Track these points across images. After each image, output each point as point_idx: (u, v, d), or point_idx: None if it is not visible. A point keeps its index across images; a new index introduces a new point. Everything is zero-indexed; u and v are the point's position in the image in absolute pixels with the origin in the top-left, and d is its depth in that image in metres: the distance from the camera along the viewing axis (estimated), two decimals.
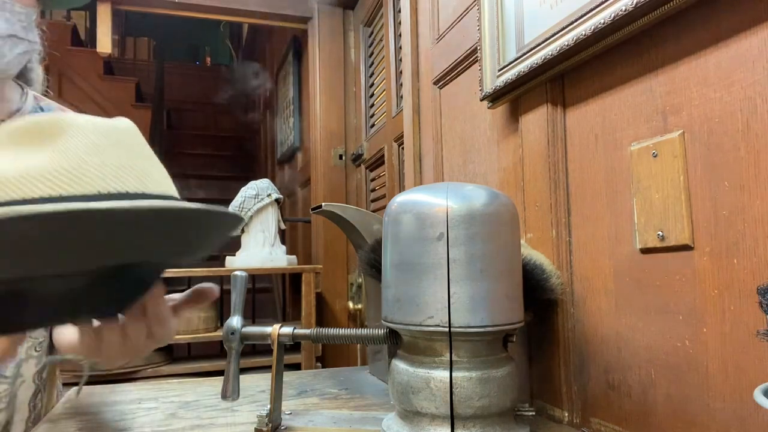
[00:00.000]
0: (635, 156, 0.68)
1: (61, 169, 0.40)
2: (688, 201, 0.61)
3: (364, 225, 1.00)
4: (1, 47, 0.64)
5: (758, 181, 0.54)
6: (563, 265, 0.80)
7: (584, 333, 0.77)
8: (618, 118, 0.72)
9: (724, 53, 0.57)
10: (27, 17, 0.67)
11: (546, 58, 0.78)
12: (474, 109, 1.09)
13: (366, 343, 0.73)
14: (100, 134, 0.43)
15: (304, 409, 0.84)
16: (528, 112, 0.88)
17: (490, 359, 0.65)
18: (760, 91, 0.54)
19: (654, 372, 0.66)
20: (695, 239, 0.61)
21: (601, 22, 0.67)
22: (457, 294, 0.62)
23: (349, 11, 2.60)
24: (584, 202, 0.78)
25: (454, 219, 0.63)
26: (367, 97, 2.38)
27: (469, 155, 1.12)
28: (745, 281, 0.55)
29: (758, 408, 0.39)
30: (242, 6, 2.64)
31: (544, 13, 0.80)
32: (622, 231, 0.71)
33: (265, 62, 4.27)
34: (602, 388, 0.74)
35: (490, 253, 0.64)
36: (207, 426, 0.79)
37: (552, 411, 0.81)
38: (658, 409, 0.65)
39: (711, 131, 0.59)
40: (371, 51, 2.31)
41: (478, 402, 0.62)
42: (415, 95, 1.40)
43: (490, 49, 0.94)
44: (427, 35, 1.32)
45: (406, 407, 0.65)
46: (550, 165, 0.83)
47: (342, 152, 2.58)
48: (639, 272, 0.68)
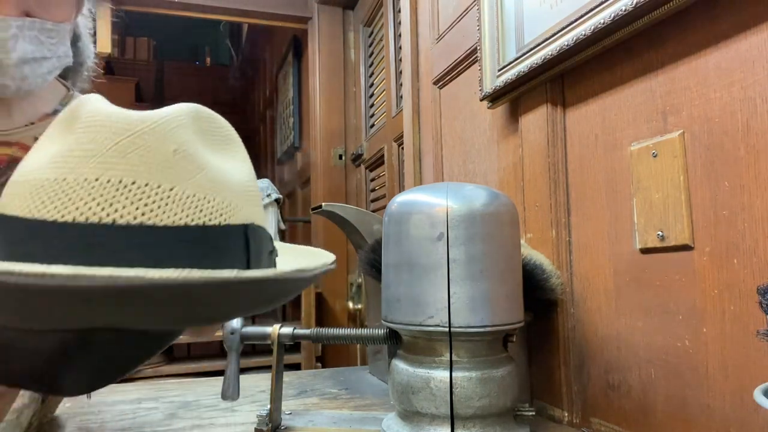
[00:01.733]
0: (635, 156, 0.68)
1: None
2: (688, 201, 0.61)
3: (364, 225, 1.00)
4: (23, 70, 0.63)
5: (758, 181, 0.54)
6: (563, 265, 0.80)
7: (584, 333, 0.77)
8: (618, 118, 0.72)
9: (724, 53, 0.57)
10: (58, 33, 0.66)
11: (546, 58, 0.78)
12: (474, 109, 1.09)
13: (366, 343, 0.73)
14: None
15: (304, 409, 0.84)
16: (528, 112, 0.88)
17: (490, 359, 0.65)
18: (760, 91, 0.54)
19: (654, 372, 0.66)
20: (695, 239, 0.61)
21: (601, 22, 0.67)
22: (457, 294, 0.62)
23: (349, 11, 2.60)
24: (584, 202, 0.78)
25: (454, 219, 0.63)
26: (367, 97, 2.37)
27: (469, 155, 1.12)
28: (745, 281, 0.55)
29: (758, 408, 0.39)
30: (242, 6, 2.64)
31: (544, 13, 0.80)
32: (622, 231, 0.71)
33: (265, 62, 4.27)
34: (602, 388, 0.74)
35: (490, 253, 0.64)
36: (207, 426, 0.79)
37: (552, 411, 0.81)
38: (658, 408, 0.65)
39: (711, 131, 0.59)
40: (371, 51, 2.31)
41: (478, 402, 0.62)
42: (415, 95, 1.40)
43: (490, 49, 0.94)
44: (427, 35, 1.32)
45: (406, 407, 0.65)
46: (550, 165, 0.83)
47: (342, 152, 2.58)
48: (639, 272, 0.68)
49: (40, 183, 0.34)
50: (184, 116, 0.37)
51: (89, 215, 0.32)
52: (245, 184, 0.40)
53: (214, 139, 0.40)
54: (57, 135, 0.37)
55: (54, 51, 0.66)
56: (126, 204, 0.33)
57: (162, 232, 0.33)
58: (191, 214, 0.35)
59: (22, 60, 0.62)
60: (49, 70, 0.66)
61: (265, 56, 4.33)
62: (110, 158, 0.33)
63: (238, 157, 0.42)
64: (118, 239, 0.33)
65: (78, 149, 0.34)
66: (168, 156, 0.34)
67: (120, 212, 0.33)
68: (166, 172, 0.34)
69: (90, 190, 0.33)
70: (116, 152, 0.33)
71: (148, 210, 0.33)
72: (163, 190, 0.34)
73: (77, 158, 0.33)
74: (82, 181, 0.33)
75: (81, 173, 0.33)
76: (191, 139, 0.36)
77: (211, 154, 0.38)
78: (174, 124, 0.36)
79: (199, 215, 0.35)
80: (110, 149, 0.34)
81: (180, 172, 0.35)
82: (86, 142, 0.34)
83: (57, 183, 0.33)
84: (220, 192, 0.37)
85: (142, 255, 0.33)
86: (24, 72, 0.63)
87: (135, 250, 0.33)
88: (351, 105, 2.58)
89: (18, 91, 0.64)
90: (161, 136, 0.35)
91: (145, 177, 0.34)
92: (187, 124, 0.37)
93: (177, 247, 0.34)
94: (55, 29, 0.65)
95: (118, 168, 0.33)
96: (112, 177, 0.33)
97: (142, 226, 0.33)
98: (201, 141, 0.38)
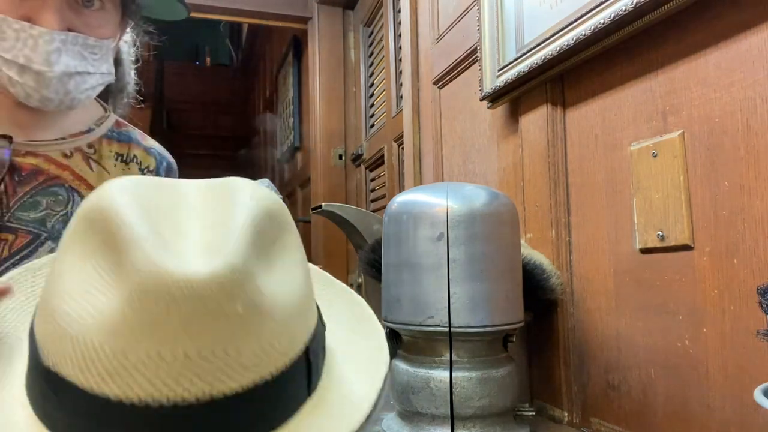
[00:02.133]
0: (635, 156, 0.68)
1: None
2: (688, 201, 0.61)
3: (364, 225, 1.00)
4: (66, 84, 0.62)
5: (758, 181, 0.54)
6: (563, 265, 0.80)
7: (584, 333, 0.77)
8: (618, 118, 0.72)
9: (724, 53, 0.57)
10: (101, 49, 0.65)
11: (546, 58, 0.78)
12: (474, 109, 1.09)
13: None
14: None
15: None
16: (528, 112, 0.88)
17: (490, 359, 0.65)
18: (760, 91, 0.54)
19: (654, 372, 0.66)
20: (695, 239, 0.61)
21: (601, 22, 0.67)
22: (457, 294, 0.62)
23: (349, 11, 2.60)
24: (584, 202, 0.78)
25: (454, 219, 0.63)
26: (366, 97, 2.37)
27: (469, 155, 1.12)
28: (745, 281, 0.55)
29: (758, 408, 0.39)
30: (242, 6, 2.64)
31: (544, 13, 0.80)
32: (622, 231, 0.71)
33: (265, 62, 4.27)
34: (602, 388, 0.74)
35: (490, 253, 0.64)
36: None
37: (552, 411, 0.81)
38: (658, 408, 0.65)
39: (711, 131, 0.59)
40: (371, 51, 2.31)
41: (478, 402, 0.62)
42: (415, 95, 1.40)
43: (490, 49, 0.94)
44: (427, 35, 1.32)
45: (406, 407, 0.65)
46: (550, 165, 0.83)
47: (342, 152, 2.58)
48: (639, 272, 0.68)
49: (95, 351, 0.31)
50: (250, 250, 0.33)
51: (156, 395, 0.30)
52: (304, 294, 0.37)
53: (271, 249, 0.36)
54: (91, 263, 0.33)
55: (97, 67, 0.66)
56: (194, 380, 0.31)
57: (231, 400, 0.32)
58: (260, 371, 0.32)
59: (65, 74, 0.61)
60: (92, 86, 0.66)
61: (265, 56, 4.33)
62: (171, 328, 0.30)
63: (293, 258, 0.38)
64: (192, 418, 0.31)
65: (131, 315, 0.31)
66: (234, 318, 0.31)
67: (188, 389, 0.31)
68: (233, 335, 0.31)
69: (150, 365, 0.30)
70: (178, 322, 0.30)
71: (216, 380, 0.31)
72: (229, 355, 0.31)
73: (131, 327, 0.31)
74: (144, 356, 0.30)
75: (140, 346, 0.31)
76: (256, 289, 0.33)
77: (269, 275, 0.34)
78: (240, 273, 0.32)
79: (266, 368, 0.33)
80: (169, 317, 0.30)
81: (248, 330, 0.32)
82: (139, 309, 0.30)
83: (115, 358, 0.31)
84: (286, 328, 0.34)
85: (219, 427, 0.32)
86: (68, 87, 0.62)
87: (211, 426, 0.31)
88: (351, 105, 2.58)
89: (60, 105, 0.63)
90: (227, 295, 0.31)
91: (209, 346, 0.31)
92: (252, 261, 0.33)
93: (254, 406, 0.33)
94: (98, 45, 0.65)
95: (181, 340, 0.30)
96: (175, 350, 0.30)
97: (212, 400, 0.31)
98: (262, 266, 0.34)
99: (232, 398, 0.32)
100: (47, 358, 0.33)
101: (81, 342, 0.31)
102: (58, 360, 0.32)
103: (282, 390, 0.34)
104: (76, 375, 0.31)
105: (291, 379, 0.35)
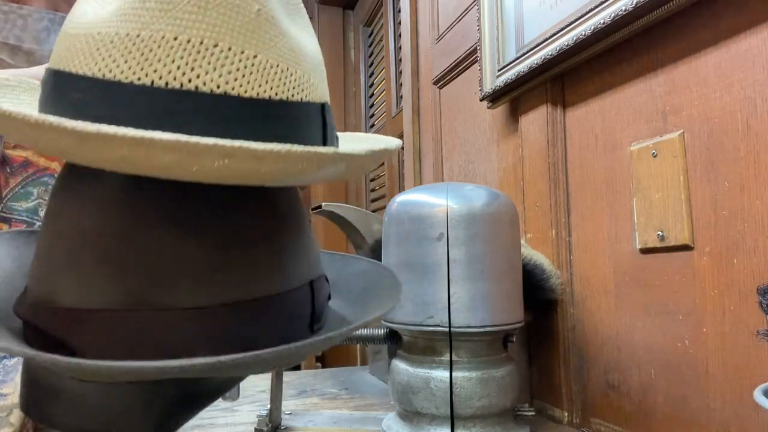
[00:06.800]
0: (635, 156, 0.68)
1: None
2: (688, 201, 0.61)
3: (364, 225, 1.00)
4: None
5: (758, 181, 0.54)
6: (563, 265, 0.80)
7: (584, 333, 0.77)
8: (618, 118, 0.72)
9: (724, 53, 0.57)
10: None
11: (546, 58, 0.78)
12: (474, 109, 1.09)
13: (366, 343, 0.73)
14: None
15: (304, 409, 0.84)
16: (528, 112, 0.88)
17: (490, 359, 0.65)
18: (760, 91, 0.54)
19: (654, 372, 0.66)
20: (695, 239, 0.61)
21: (601, 22, 0.67)
22: (457, 294, 0.62)
23: (349, 11, 2.60)
24: (584, 202, 0.78)
25: (454, 219, 0.63)
26: (366, 97, 2.37)
27: (469, 155, 1.12)
28: (745, 281, 0.55)
29: (758, 408, 0.39)
30: None
31: (544, 13, 0.80)
32: (621, 231, 0.71)
33: None
34: (602, 388, 0.74)
35: (490, 253, 0.64)
36: (207, 426, 0.79)
37: (552, 411, 0.81)
38: (658, 409, 0.65)
39: (711, 131, 0.59)
40: (371, 51, 2.31)
41: (478, 402, 0.62)
42: (415, 95, 1.40)
43: (489, 49, 0.94)
44: (427, 35, 1.33)
45: (406, 407, 0.65)
46: (550, 165, 0.83)
47: None
48: (639, 272, 0.68)
49: (108, 38, 0.29)
50: None
51: (169, 79, 0.29)
52: (319, 58, 0.36)
53: (290, 6, 0.35)
54: None
55: None
56: (209, 70, 0.29)
57: (246, 104, 0.30)
58: (275, 87, 0.31)
59: None
60: None
61: None
62: (188, 14, 0.29)
63: (309, 31, 0.37)
64: (201, 108, 0.29)
65: (151, 0, 0.29)
66: (251, 17, 0.30)
67: (203, 78, 0.29)
68: (248, 35, 0.30)
69: (169, 50, 0.29)
70: (195, 7, 0.29)
71: (232, 78, 0.29)
72: (246, 56, 0.30)
73: (150, 11, 0.29)
74: (160, 39, 0.29)
75: (157, 29, 0.29)
76: (277, 6, 0.32)
77: (289, 20, 0.34)
78: None
79: (282, 89, 0.31)
80: (188, 3, 0.29)
81: (263, 37, 0.31)
82: None
83: (130, 39, 0.29)
84: (301, 64, 0.33)
85: (224, 128, 0.29)
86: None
87: (219, 122, 0.29)
88: (351, 105, 2.58)
89: None
90: None
91: (227, 40, 0.29)
92: None
93: (261, 122, 0.31)
94: None
95: (199, 27, 0.29)
96: (192, 37, 0.29)
97: (225, 95, 0.29)
98: (281, 4, 0.34)
99: (248, 103, 0.30)
100: (57, 64, 0.32)
101: (92, 33, 0.30)
102: (64, 56, 0.31)
103: (295, 126, 0.32)
104: (85, 65, 0.30)
105: (306, 122, 0.33)
